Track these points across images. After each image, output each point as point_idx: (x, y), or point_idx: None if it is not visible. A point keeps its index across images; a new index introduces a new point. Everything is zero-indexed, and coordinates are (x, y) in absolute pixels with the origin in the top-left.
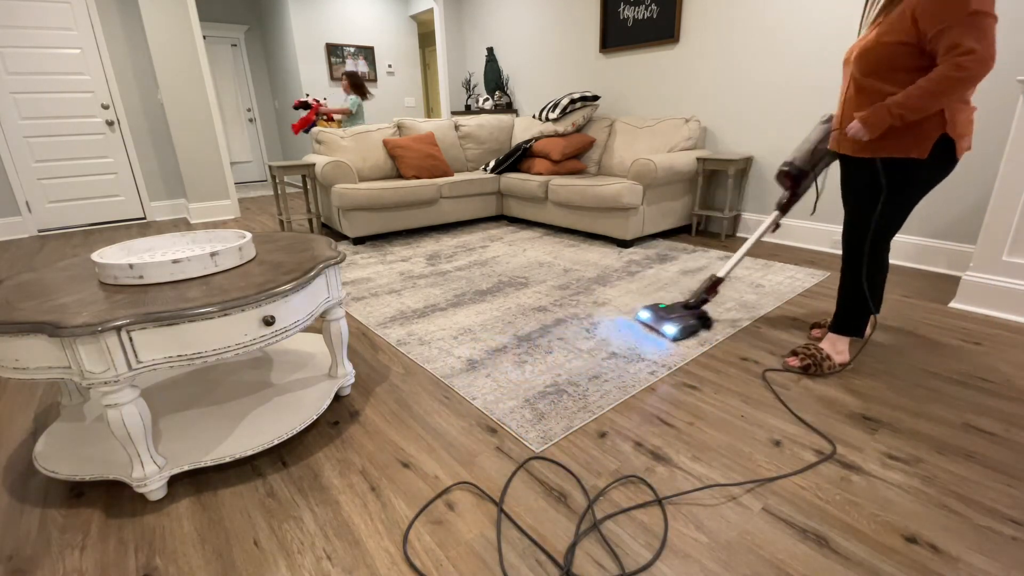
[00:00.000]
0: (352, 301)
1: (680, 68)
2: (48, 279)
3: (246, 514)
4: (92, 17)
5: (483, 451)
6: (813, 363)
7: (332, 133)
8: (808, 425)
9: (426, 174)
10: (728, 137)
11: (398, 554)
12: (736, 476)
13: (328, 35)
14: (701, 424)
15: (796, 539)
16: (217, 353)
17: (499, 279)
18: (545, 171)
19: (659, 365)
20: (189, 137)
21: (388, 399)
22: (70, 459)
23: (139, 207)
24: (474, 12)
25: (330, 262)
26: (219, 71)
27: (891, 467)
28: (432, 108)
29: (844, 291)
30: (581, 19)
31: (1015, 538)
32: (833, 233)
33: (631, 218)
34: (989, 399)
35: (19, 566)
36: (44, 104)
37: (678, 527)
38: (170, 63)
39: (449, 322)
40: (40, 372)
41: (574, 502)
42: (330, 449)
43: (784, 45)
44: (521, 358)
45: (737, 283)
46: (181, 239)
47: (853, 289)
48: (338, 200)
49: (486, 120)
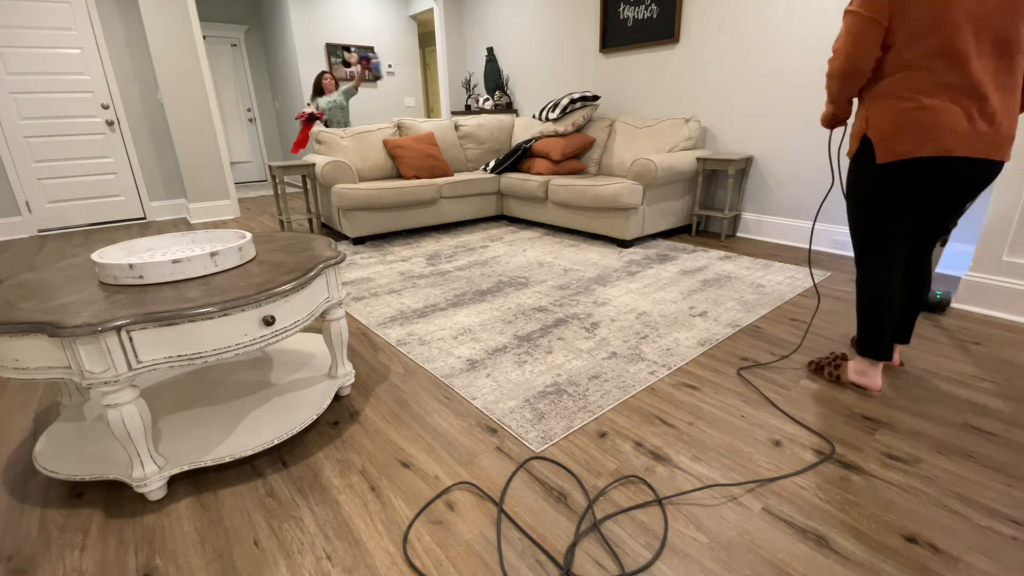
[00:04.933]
0: (352, 301)
1: (680, 68)
2: (48, 279)
3: (246, 514)
4: (92, 17)
5: (483, 451)
6: (820, 364)
7: (332, 133)
8: (798, 422)
9: (426, 174)
10: (728, 137)
11: (398, 554)
12: (736, 476)
13: (328, 35)
14: (701, 424)
15: (796, 539)
16: (217, 353)
17: (499, 279)
18: (545, 171)
19: (659, 365)
20: (189, 137)
21: (388, 399)
22: (70, 459)
23: (139, 207)
24: (474, 12)
25: (330, 262)
26: (219, 71)
27: (891, 467)
28: (432, 108)
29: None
30: (581, 19)
31: (1015, 538)
32: (833, 233)
33: (631, 218)
34: (989, 399)
35: (19, 566)
36: (44, 104)
37: (678, 527)
38: (170, 63)
39: (449, 322)
40: (40, 372)
41: (574, 502)
42: (330, 449)
43: (784, 45)
44: (521, 358)
45: (737, 283)
46: (181, 239)
47: (858, 302)
48: (338, 200)
49: (486, 120)
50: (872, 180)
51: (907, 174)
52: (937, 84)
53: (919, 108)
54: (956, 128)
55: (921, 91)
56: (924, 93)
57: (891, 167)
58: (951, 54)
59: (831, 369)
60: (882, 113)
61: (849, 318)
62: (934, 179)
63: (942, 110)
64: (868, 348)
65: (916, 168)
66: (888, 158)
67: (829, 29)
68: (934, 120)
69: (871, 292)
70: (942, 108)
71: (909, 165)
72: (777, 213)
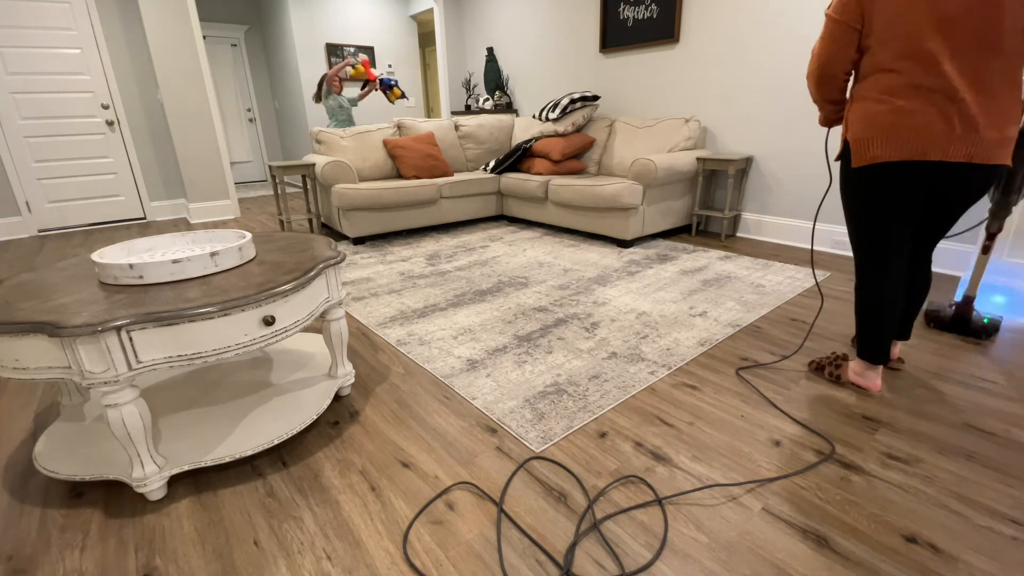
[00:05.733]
0: (352, 301)
1: (680, 68)
2: (48, 279)
3: (246, 514)
4: (92, 17)
5: (483, 451)
6: (820, 364)
7: (332, 133)
8: (798, 422)
9: (426, 174)
10: (728, 137)
11: (398, 554)
12: (736, 476)
13: (328, 35)
14: (701, 424)
15: (796, 539)
16: (217, 353)
17: (499, 279)
18: (545, 171)
19: (659, 365)
20: (189, 137)
21: (388, 399)
22: (70, 459)
23: (139, 207)
24: (474, 12)
25: (330, 262)
26: (219, 71)
27: (891, 467)
28: (432, 108)
29: None
30: (581, 19)
31: (1015, 538)
32: (833, 233)
33: (631, 218)
34: (989, 399)
35: (19, 566)
36: (44, 104)
37: (678, 527)
38: (170, 63)
39: (449, 322)
40: (40, 372)
41: (574, 502)
42: (330, 449)
43: (784, 44)
44: (521, 358)
45: (737, 283)
46: (181, 239)
47: (856, 305)
48: (338, 200)
49: (486, 120)
50: (853, 184)
51: (882, 179)
52: (909, 86)
53: (892, 111)
54: (931, 131)
55: (894, 93)
56: (897, 95)
57: (865, 171)
58: (920, 55)
59: (831, 369)
60: (858, 115)
61: (850, 318)
62: (911, 184)
63: (916, 112)
64: (865, 351)
65: (891, 173)
66: (861, 162)
67: None
68: (907, 123)
69: (867, 297)
70: (916, 110)
71: (883, 169)
72: (777, 213)
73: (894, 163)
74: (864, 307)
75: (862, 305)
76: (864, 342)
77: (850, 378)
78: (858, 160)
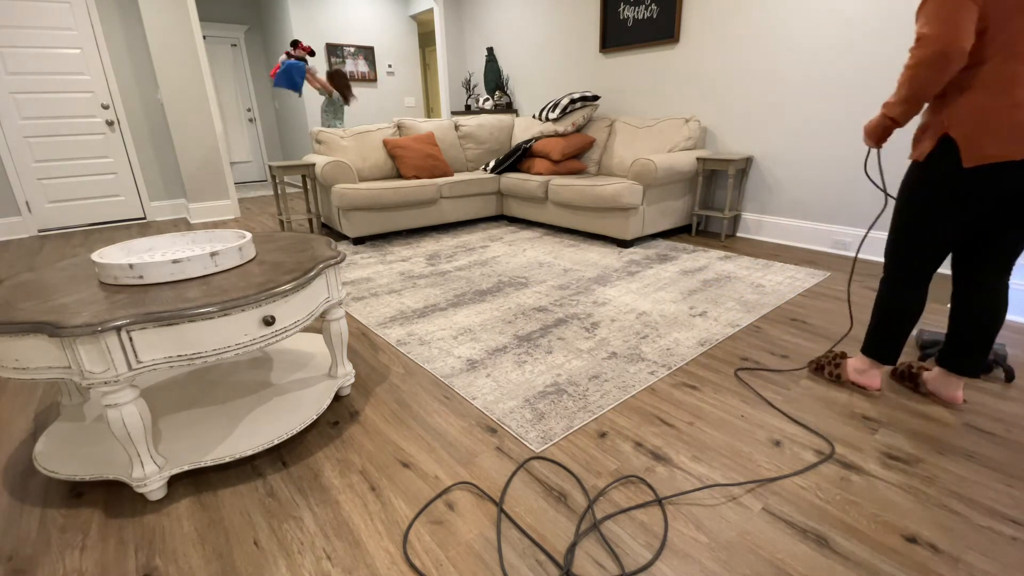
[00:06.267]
0: (352, 301)
1: (680, 68)
2: (48, 279)
3: (246, 514)
4: (92, 17)
5: (483, 451)
6: (820, 363)
7: (332, 133)
8: (798, 422)
9: (426, 174)
10: (728, 137)
11: (398, 554)
12: (736, 476)
13: (328, 35)
14: (701, 424)
15: (796, 539)
16: (217, 353)
17: (499, 279)
18: (545, 171)
19: (659, 365)
20: (189, 137)
21: (388, 399)
22: (70, 459)
23: (139, 207)
24: (474, 12)
25: (330, 262)
26: (219, 71)
27: (891, 467)
28: (432, 108)
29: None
30: (581, 19)
31: (1015, 538)
32: (833, 233)
33: (631, 218)
34: (989, 399)
35: (19, 566)
36: (44, 104)
37: (678, 527)
38: (170, 63)
39: (449, 322)
40: (40, 372)
41: (574, 502)
42: (330, 449)
43: (785, 45)
44: (521, 358)
45: (737, 283)
46: (181, 239)
47: (876, 302)
48: (338, 200)
49: (486, 120)
50: (948, 186)
51: (994, 180)
52: None
53: (1012, 105)
54: None
55: (1018, 83)
56: (1021, 86)
57: (978, 172)
58: None
59: (831, 368)
60: (969, 109)
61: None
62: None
63: None
64: (871, 347)
65: (1008, 173)
66: (976, 161)
67: (829, 29)
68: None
69: (891, 297)
70: None
71: (1000, 169)
72: (777, 213)
73: (1015, 162)
74: (886, 305)
75: (885, 302)
76: (873, 337)
77: (850, 376)
78: (973, 159)
